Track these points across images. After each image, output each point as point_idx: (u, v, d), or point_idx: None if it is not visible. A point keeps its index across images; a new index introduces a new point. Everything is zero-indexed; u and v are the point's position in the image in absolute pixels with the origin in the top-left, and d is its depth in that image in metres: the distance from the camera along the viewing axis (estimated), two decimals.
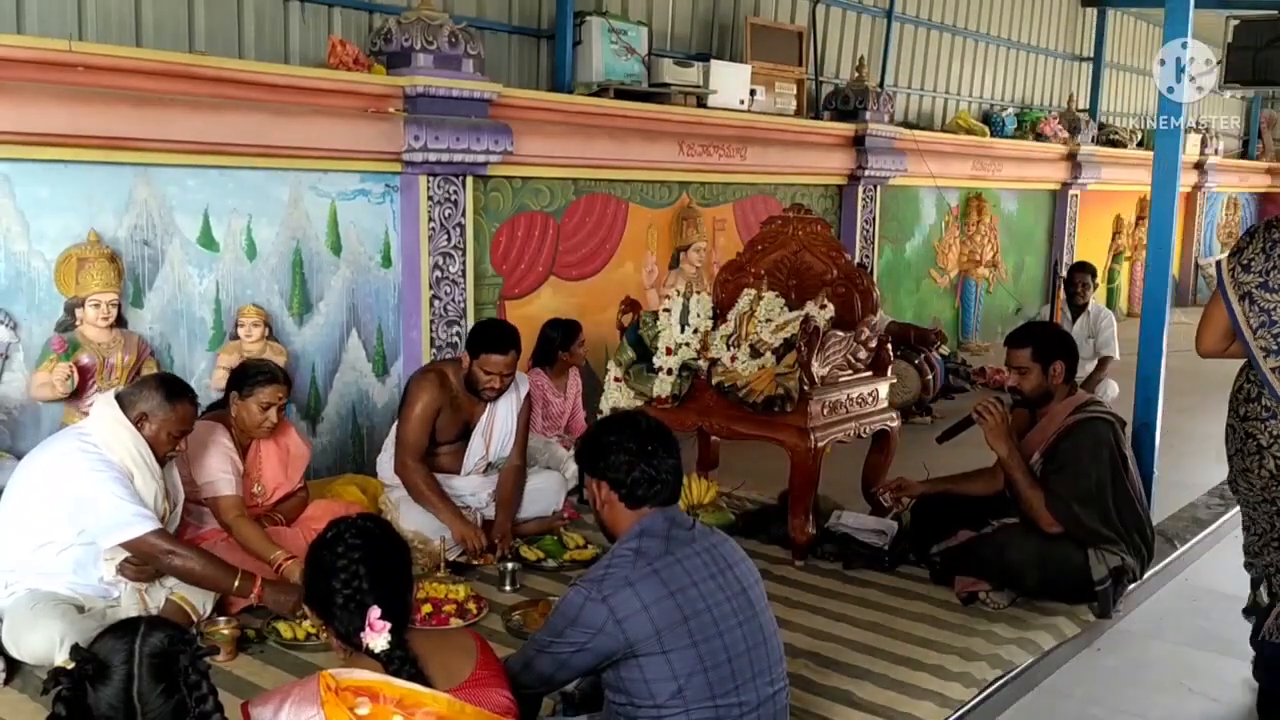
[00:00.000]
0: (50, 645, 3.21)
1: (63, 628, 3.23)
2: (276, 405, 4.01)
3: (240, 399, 3.99)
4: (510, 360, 4.40)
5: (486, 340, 4.41)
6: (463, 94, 5.42)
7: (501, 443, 4.63)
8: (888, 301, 9.05)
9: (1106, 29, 12.49)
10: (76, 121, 4.29)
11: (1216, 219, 15.38)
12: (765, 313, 4.59)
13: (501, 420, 4.60)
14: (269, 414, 4.00)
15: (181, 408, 3.53)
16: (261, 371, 4.03)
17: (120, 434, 3.45)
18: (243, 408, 3.99)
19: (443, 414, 4.47)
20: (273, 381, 4.00)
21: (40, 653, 3.25)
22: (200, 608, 3.62)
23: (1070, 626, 3.91)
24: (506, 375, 4.42)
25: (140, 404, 3.48)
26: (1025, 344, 4.11)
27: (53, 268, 4.41)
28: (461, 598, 3.85)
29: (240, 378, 4.03)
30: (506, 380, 4.44)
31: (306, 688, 2.14)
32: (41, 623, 3.27)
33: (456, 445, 4.59)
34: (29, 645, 3.28)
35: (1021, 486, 3.97)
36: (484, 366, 4.38)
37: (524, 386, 4.70)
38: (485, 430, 4.59)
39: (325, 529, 2.36)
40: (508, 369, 4.40)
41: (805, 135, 7.94)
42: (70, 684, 1.93)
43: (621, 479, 2.62)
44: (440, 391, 4.44)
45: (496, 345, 4.38)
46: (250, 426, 4.02)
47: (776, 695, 2.61)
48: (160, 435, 3.49)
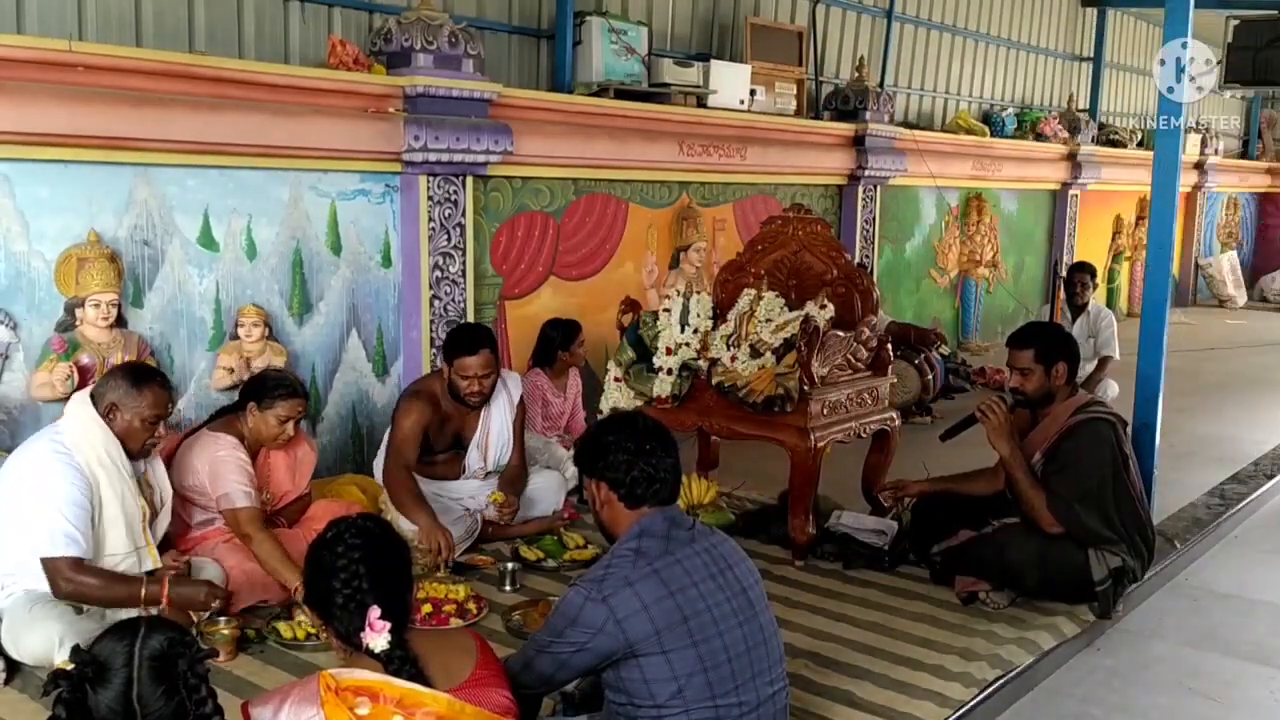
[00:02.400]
0: (49, 646, 3.21)
1: (61, 628, 3.23)
2: (294, 419, 3.99)
3: (259, 410, 3.96)
4: (484, 360, 4.35)
5: (456, 345, 4.39)
6: (463, 94, 5.42)
7: (499, 451, 4.65)
8: (888, 301, 9.05)
9: (1106, 29, 12.49)
10: (76, 121, 4.29)
11: (1216, 219, 15.38)
12: (765, 313, 4.59)
13: (496, 431, 4.60)
14: (286, 427, 3.98)
15: (150, 392, 3.48)
16: (281, 385, 3.99)
17: (92, 433, 3.43)
18: (260, 420, 3.96)
19: (432, 430, 4.47)
20: (293, 395, 3.98)
21: (39, 653, 3.25)
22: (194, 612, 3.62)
23: (1070, 626, 3.91)
24: (485, 376, 4.37)
25: (109, 395, 3.46)
26: (1029, 345, 4.11)
27: (53, 268, 4.41)
28: (461, 598, 3.86)
29: (259, 389, 3.99)
30: (486, 382, 4.39)
31: (306, 688, 2.15)
32: (40, 624, 3.27)
33: (451, 453, 4.60)
34: (28, 646, 3.28)
35: (1023, 486, 3.97)
36: (460, 372, 4.36)
37: (516, 389, 4.69)
38: (481, 443, 4.59)
39: (325, 529, 2.37)
40: (484, 369, 4.36)
41: (805, 135, 7.94)
42: (70, 686, 1.93)
43: (620, 478, 2.63)
44: (427, 409, 4.42)
45: (466, 347, 4.35)
46: (266, 439, 3.99)
47: (776, 695, 2.61)
48: (134, 424, 3.46)
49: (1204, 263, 14.90)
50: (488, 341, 4.42)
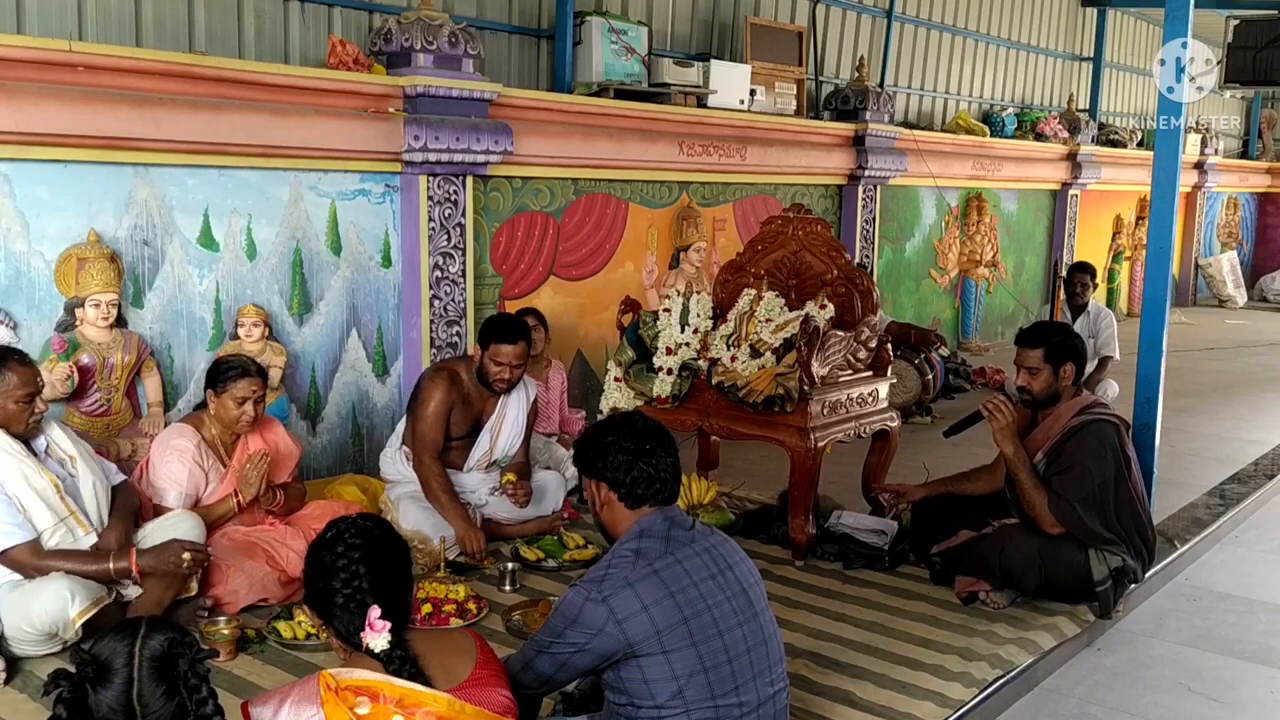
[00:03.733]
0: (61, 602, 3.24)
1: (70, 584, 3.27)
2: (253, 399, 3.98)
3: (216, 396, 3.99)
4: (520, 351, 4.53)
5: (497, 332, 4.55)
6: (463, 94, 5.42)
7: (509, 441, 4.71)
8: (888, 301, 9.06)
9: (1106, 29, 12.50)
10: (76, 121, 4.29)
11: (1216, 219, 15.38)
12: (765, 313, 4.60)
13: (511, 419, 4.70)
14: (246, 408, 3.98)
15: (11, 373, 3.41)
16: (233, 366, 4.01)
17: None
18: (219, 404, 3.99)
19: (455, 410, 4.57)
20: (245, 375, 3.98)
21: (54, 612, 3.25)
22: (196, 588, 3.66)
23: (1070, 626, 3.91)
24: (517, 366, 4.54)
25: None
26: (1038, 345, 4.11)
27: (53, 268, 4.41)
28: (461, 598, 3.85)
29: (214, 374, 4.02)
30: (517, 371, 4.56)
31: (306, 687, 2.14)
32: (47, 586, 3.28)
33: (465, 441, 4.66)
34: (40, 611, 3.26)
35: (1025, 486, 3.97)
36: (495, 357, 4.50)
37: (532, 389, 4.83)
38: (494, 427, 4.68)
39: (325, 529, 2.36)
40: (518, 359, 4.53)
41: (805, 135, 7.94)
42: (71, 686, 1.93)
43: (620, 478, 2.62)
44: (452, 388, 4.55)
45: (506, 336, 4.52)
46: (229, 422, 4.01)
47: (777, 695, 2.61)
48: (7, 407, 3.41)
49: (1204, 263, 14.90)
50: (526, 335, 4.62)
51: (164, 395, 4.72)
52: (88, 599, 3.28)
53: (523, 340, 4.56)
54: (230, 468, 4.05)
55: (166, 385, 4.76)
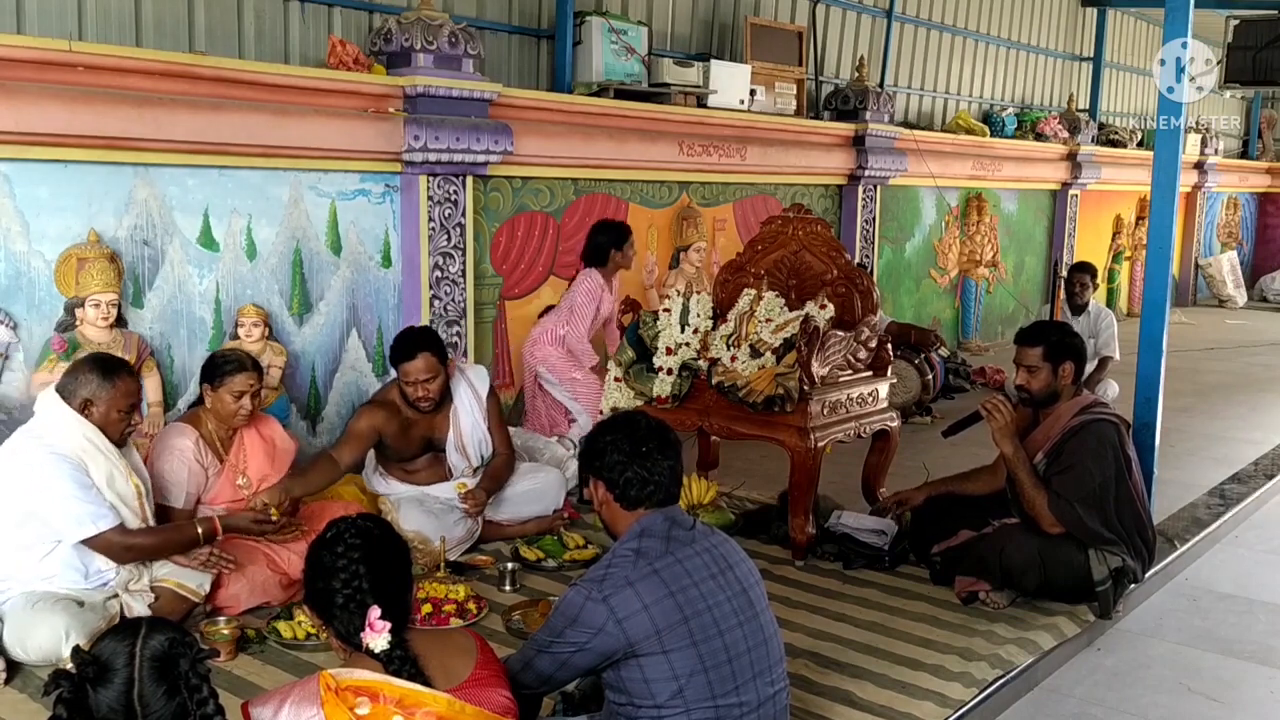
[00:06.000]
0: (56, 639, 3.24)
1: (66, 620, 3.26)
2: (249, 393, 4.00)
3: (213, 390, 4.00)
4: (424, 364, 4.31)
5: (395, 352, 4.39)
6: (463, 94, 5.42)
7: (477, 448, 4.61)
8: (888, 301, 9.06)
9: (1106, 29, 12.50)
10: (76, 121, 4.29)
11: (1216, 219, 15.38)
12: (765, 313, 4.59)
13: (469, 430, 4.56)
14: (243, 402, 4.00)
15: (121, 383, 3.51)
16: (229, 361, 4.03)
17: (69, 425, 3.45)
18: (216, 399, 4.00)
19: (393, 436, 4.44)
20: (241, 369, 3.99)
21: (47, 648, 3.26)
22: (197, 588, 3.64)
23: (1070, 626, 3.91)
24: (428, 380, 4.34)
25: (81, 391, 3.47)
26: (1037, 343, 4.11)
27: (53, 268, 4.41)
28: (461, 598, 3.85)
29: (210, 369, 4.03)
30: (431, 386, 4.35)
31: (306, 688, 2.15)
32: (44, 619, 3.28)
33: (427, 458, 4.59)
34: (35, 643, 3.28)
35: (1025, 486, 3.97)
36: (403, 379, 4.37)
37: (482, 383, 4.64)
38: (457, 444, 4.56)
39: (325, 529, 2.36)
40: (425, 374, 4.32)
41: (805, 135, 7.94)
42: (71, 686, 1.93)
43: (615, 479, 2.63)
44: (382, 415, 4.41)
45: (404, 354, 4.33)
46: (226, 417, 4.02)
47: (777, 695, 2.61)
48: (110, 415, 3.49)
49: (1204, 263, 14.90)
50: (428, 345, 4.36)
51: (164, 395, 4.72)
52: (83, 635, 3.25)
53: (425, 352, 4.30)
54: (227, 463, 4.06)
55: (166, 385, 4.76)
